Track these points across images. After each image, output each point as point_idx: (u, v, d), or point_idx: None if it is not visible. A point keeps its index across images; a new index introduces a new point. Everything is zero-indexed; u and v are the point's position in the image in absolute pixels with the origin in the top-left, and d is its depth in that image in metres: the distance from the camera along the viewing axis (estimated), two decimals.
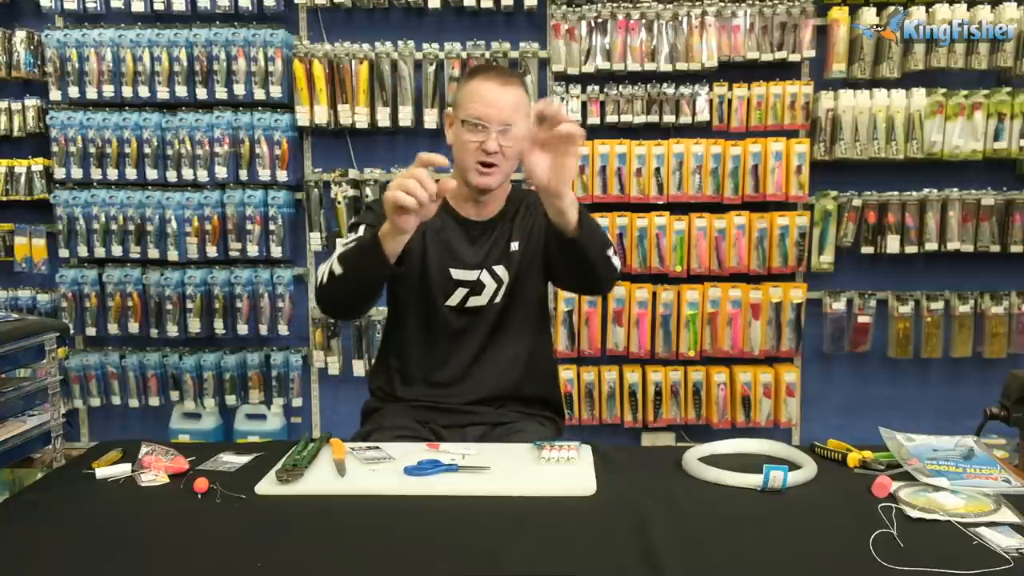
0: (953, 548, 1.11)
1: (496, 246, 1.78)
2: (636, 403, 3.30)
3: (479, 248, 1.78)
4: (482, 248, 1.78)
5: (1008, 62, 3.09)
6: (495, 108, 1.64)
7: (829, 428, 3.17)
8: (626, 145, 3.21)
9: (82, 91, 3.31)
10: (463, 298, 1.77)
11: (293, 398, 3.46)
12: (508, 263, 1.78)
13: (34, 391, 1.98)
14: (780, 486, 1.32)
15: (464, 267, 1.77)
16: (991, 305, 3.26)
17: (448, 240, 1.77)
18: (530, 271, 1.80)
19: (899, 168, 3.25)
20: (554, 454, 1.47)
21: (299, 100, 3.25)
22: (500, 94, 1.65)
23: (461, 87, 1.73)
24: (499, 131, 1.64)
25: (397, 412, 1.79)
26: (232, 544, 1.17)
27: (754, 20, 3.18)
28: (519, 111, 1.67)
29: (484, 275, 1.77)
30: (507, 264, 1.78)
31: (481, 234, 1.79)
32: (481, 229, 1.79)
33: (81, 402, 3.47)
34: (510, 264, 1.78)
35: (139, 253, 3.36)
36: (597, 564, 1.10)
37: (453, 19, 3.33)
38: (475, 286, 1.77)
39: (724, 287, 3.26)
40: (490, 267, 1.78)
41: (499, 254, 1.78)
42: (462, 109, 1.68)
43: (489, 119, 1.64)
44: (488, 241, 1.78)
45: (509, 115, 1.65)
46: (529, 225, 1.80)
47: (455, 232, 1.78)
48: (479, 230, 1.79)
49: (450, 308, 1.77)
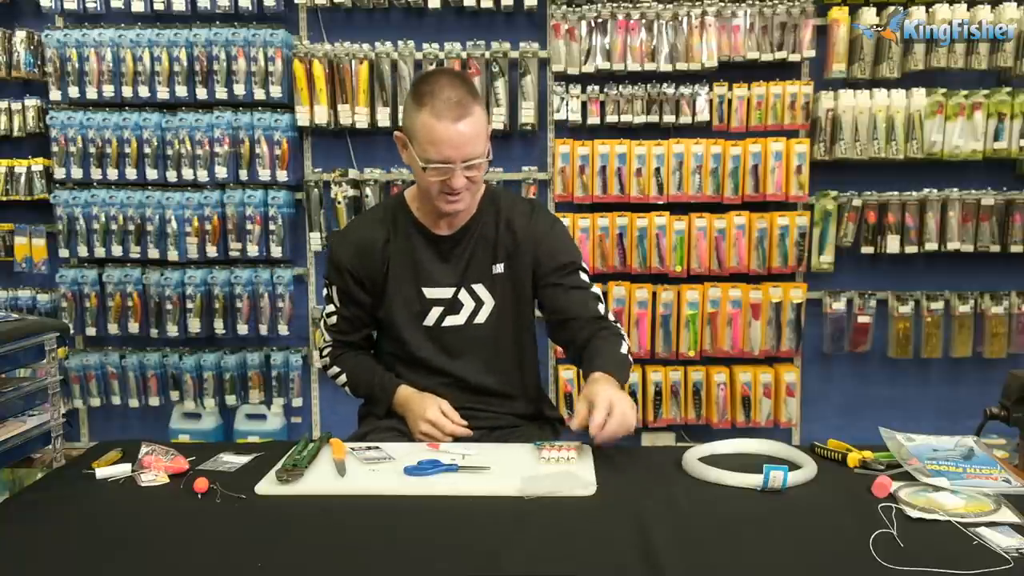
0: (953, 548, 1.11)
1: (474, 263, 1.71)
2: (636, 403, 3.30)
3: (453, 265, 1.71)
4: (457, 265, 1.71)
5: (1008, 62, 3.08)
6: (455, 149, 1.54)
7: (829, 428, 3.17)
8: (626, 145, 3.21)
9: (82, 91, 3.31)
10: (438, 317, 1.72)
11: (293, 398, 3.46)
12: (490, 286, 1.72)
13: (34, 391, 1.98)
14: (780, 486, 1.32)
15: (436, 285, 1.71)
16: (991, 305, 3.26)
17: (418, 260, 1.71)
18: (519, 301, 1.74)
19: (899, 168, 3.25)
20: (554, 454, 1.47)
21: (299, 100, 3.25)
22: (459, 133, 1.53)
23: (412, 116, 1.57)
24: (464, 167, 1.56)
25: (391, 413, 1.77)
26: (232, 544, 1.17)
27: (754, 20, 3.17)
28: (480, 137, 1.57)
29: (462, 293, 1.71)
30: (489, 286, 1.72)
31: (452, 248, 1.71)
32: (452, 243, 1.71)
33: (81, 402, 3.47)
34: (493, 287, 1.72)
35: (139, 253, 3.36)
36: (597, 564, 1.10)
37: (453, 19, 3.33)
38: (451, 304, 1.72)
39: (724, 287, 3.26)
40: (468, 286, 1.72)
41: (479, 273, 1.71)
42: (419, 148, 1.56)
43: (452, 160, 1.54)
44: (463, 257, 1.71)
45: (471, 150, 1.55)
46: (515, 249, 1.71)
47: (424, 250, 1.71)
48: (449, 244, 1.71)
49: (427, 328, 1.72)
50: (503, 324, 1.74)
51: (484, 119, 1.59)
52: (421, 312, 1.72)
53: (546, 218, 1.77)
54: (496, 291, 1.73)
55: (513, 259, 1.72)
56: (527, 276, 1.73)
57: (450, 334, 1.73)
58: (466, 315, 1.72)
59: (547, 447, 1.49)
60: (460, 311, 1.72)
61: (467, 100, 1.55)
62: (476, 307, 1.72)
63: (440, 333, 1.73)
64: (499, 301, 1.73)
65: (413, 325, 1.73)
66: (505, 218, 1.73)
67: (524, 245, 1.72)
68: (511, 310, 1.74)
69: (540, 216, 1.76)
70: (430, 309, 1.72)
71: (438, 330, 1.73)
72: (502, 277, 1.72)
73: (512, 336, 1.77)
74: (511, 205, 1.75)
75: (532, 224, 1.73)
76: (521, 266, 1.73)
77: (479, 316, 1.73)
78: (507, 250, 1.72)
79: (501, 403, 1.78)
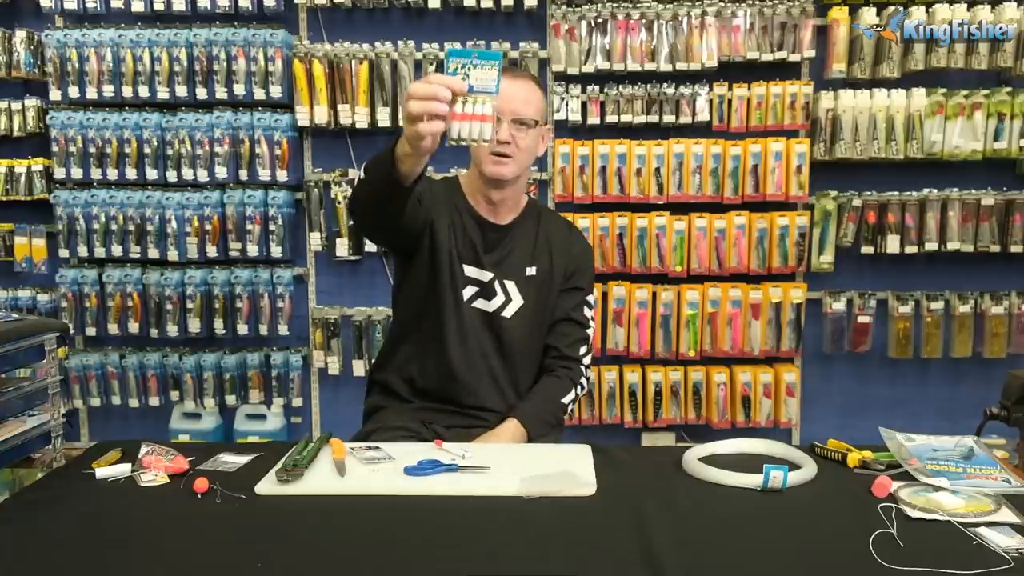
0: (953, 548, 1.11)
1: (510, 259, 1.79)
2: (636, 403, 3.30)
3: (495, 254, 1.79)
4: (497, 255, 1.79)
5: (1008, 62, 3.09)
6: (505, 100, 1.61)
7: (829, 428, 3.18)
8: (626, 145, 3.21)
9: (82, 91, 3.31)
10: (472, 296, 1.77)
11: (293, 398, 3.47)
12: (521, 286, 1.79)
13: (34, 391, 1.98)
14: (780, 486, 1.32)
15: (478, 266, 1.77)
16: (991, 305, 3.26)
17: (467, 236, 1.78)
18: (543, 302, 1.81)
19: (899, 168, 3.25)
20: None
21: (299, 100, 3.25)
22: (510, 86, 1.66)
23: None
24: (511, 121, 1.67)
25: (401, 412, 1.78)
26: (232, 544, 1.17)
27: (754, 20, 3.17)
28: (531, 105, 1.71)
29: (496, 283, 1.78)
30: (520, 286, 1.79)
31: (497, 240, 1.79)
32: (497, 234, 1.79)
33: (81, 402, 3.47)
34: (523, 288, 1.79)
35: (139, 253, 3.36)
36: (597, 564, 1.10)
37: (453, 19, 3.33)
38: (486, 289, 1.78)
39: (724, 287, 3.26)
40: (501, 279, 1.78)
41: (512, 270, 1.79)
42: None
43: (500, 111, 1.64)
44: (503, 250, 1.79)
45: (520, 107, 1.68)
46: (548, 258, 1.81)
47: (474, 230, 1.78)
48: (496, 234, 1.79)
49: (463, 302, 1.77)
50: (526, 326, 1.80)
51: (539, 94, 1.75)
52: (460, 284, 1.76)
53: (582, 238, 1.94)
54: (525, 292, 1.79)
55: (545, 266, 1.81)
56: (556, 284, 1.82)
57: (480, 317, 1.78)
58: (496, 305, 1.78)
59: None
60: (492, 299, 1.78)
61: (525, 73, 1.78)
62: (505, 302, 1.78)
63: (472, 312, 1.77)
64: (527, 303, 1.79)
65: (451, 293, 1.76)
66: (544, 228, 1.84)
67: (558, 256, 1.82)
68: (536, 315, 1.81)
69: (576, 234, 1.93)
70: (466, 285, 1.77)
71: (471, 308, 1.77)
72: (534, 280, 1.80)
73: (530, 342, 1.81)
74: (550, 217, 1.90)
75: (570, 238, 1.88)
76: (553, 274, 1.82)
77: (507, 311, 1.78)
78: (541, 256, 1.81)
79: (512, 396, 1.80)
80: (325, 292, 3.50)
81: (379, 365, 1.90)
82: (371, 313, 3.39)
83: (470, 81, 1.25)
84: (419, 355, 1.80)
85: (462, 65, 1.24)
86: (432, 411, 1.78)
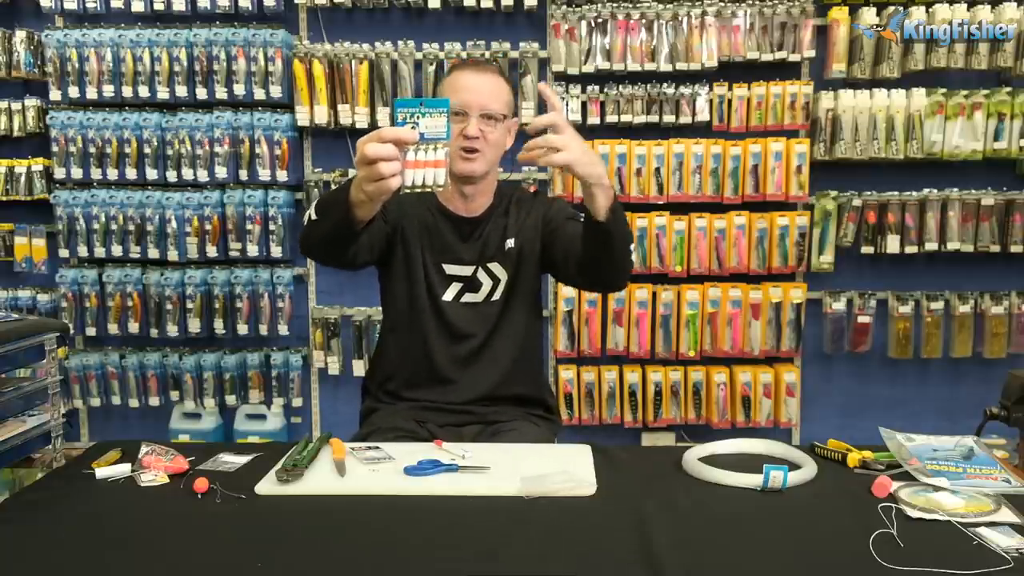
0: (953, 548, 1.11)
1: (490, 243, 1.79)
2: (636, 403, 3.30)
3: (472, 245, 1.79)
4: (475, 245, 1.79)
5: (1008, 62, 3.09)
6: (472, 94, 1.67)
7: (829, 428, 3.18)
8: (626, 145, 3.21)
9: (82, 91, 3.31)
10: (458, 293, 1.78)
11: (293, 398, 3.46)
12: (505, 261, 1.79)
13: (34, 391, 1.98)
14: (780, 486, 1.32)
15: (458, 263, 1.78)
16: (991, 305, 3.26)
17: (440, 235, 1.78)
18: (527, 266, 1.81)
19: (899, 168, 3.25)
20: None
21: (299, 100, 3.25)
22: (477, 81, 1.70)
23: (441, 84, 1.79)
24: (479, 116, 1.67)
25: (395, 413, 1.79)
26: (232, 544, 1.17)
27: (754, 20, 3.18)
28: (498, 98, 1.71)
29: (480, 273, 1.78)
30: (504, 262, 1.79)
31: (472, 231, 1.79)
32: (472, 225, 1.79)
33: (81, 402, 3.47)
34: (507, 262, 1.79)
35: (139, 253, 3.36)
36: (597, 564, 1.10)
37: (453, 19, 3.33)
38: (470, 283, 1.78)
39: (724, 287, 3.26)
40: (485, 265, 1.78)
41: (494, 252, 1.79)
42: None
43: (468, 106, 1.66)
44: (481, 238, 1.79)
45: (487, 100, 1.68)
46: (523, 221, 1.81)
47: (446, 228, 1.78)
48: (470, 226, 1.79)
49: (447, 303, 1.78)
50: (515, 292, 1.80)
51: (505, 88, 1.74)
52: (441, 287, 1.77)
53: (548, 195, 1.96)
54: (509, 265, 1.79)
55: (522, 230, 1.80)
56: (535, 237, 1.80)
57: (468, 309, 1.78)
58: (484, 293, 1.79)
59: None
60: (479, 290, 1.79)
61: (491, 68, 1.76)
62: (493, 285, 1.79)
63: (459, 309, 1.78)
64: (512, 273, 1.80)
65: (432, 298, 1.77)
66: (514, 199, 1.83)
67: (532, 215, 1.81)
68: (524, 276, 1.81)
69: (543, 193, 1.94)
70: (449, 284, 1.78)
71: (457, 306, 1.78)
72: (514, 251, 1.80)
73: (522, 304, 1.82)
74: (513, 191, 1.89)
75: (538, 199, 1.88)
76: (528, 230, 1.80)
77: (496, 293, 1.79)
78: (516, 223, 1.81)
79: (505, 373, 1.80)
80: (325, 292, 3.50)
81: (371, 369, 1.92)
82: (371, 313, 3.39)
83: (420, 129, 1.26)
84: (406, 360, 1.81)
85: (411, 115, 1.26)
86: (425, 410, 1.79)
